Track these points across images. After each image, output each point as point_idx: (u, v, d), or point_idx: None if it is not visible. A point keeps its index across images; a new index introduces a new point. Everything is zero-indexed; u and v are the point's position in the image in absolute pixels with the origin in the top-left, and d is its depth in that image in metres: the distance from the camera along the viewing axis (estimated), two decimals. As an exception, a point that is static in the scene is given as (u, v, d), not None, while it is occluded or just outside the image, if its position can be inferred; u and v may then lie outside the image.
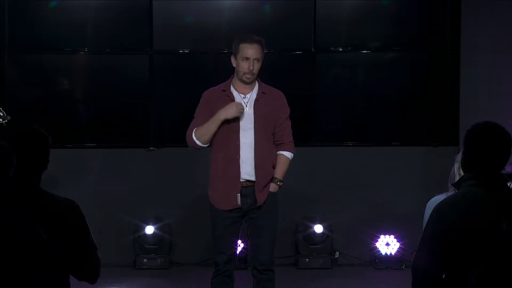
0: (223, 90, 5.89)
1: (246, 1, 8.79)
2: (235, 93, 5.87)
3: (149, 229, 8.32)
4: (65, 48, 8.74)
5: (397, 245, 8.43)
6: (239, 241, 8.37)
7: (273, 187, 5.90)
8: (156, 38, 8.69)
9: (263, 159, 5.81)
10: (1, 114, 6.13)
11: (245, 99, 5.86)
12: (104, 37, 8.73)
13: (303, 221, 8.45)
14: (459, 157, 4.55)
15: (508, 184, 3.86)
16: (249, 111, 5.81)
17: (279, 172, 5.90)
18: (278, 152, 5.93)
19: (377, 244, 8.46)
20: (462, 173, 4.46)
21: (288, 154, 5.95)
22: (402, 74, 8.88)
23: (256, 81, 5.94)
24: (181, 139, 8.70)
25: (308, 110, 8.80)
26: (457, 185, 3.72)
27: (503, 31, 8.48)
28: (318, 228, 8.37)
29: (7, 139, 3.63)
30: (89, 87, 8.85)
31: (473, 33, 8.52)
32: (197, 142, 5.89)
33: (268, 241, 5.95)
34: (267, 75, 8.76)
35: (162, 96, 8.77)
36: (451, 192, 4.54)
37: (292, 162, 5.69)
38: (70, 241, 3.58)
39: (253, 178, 5.81)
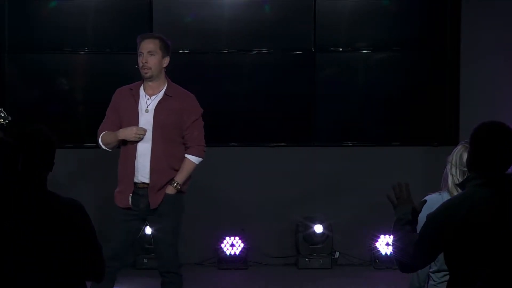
0: (130, 89, 5.93)
1: (246, 1, 8.79)
2: (141, 93, 5.89)
3: (149, 229, 8.30)
4: (65, 48, 8.74)
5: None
6: (239, 241, 8.38)
7: (169, 189, 5.84)
8: (156, 38, 8.67)
9: (159, 162, 5.78)
10: (2, 115, 6.13)
11: (149, 100, 5.86)
12: (104, 37, 8.73)
13: (303, 221, 8.45)
14: (450, 158, 4.56)
15: None
16: (149, 113, 5.82)
17: (179, 175, 5.86)
18: (185, 155, 5.92)
19: (377, 244, 8.46)
20: (454, 174, 4.48)
21: (192, 158, 5.92)
22: (402, 74, 8.88)
23: (166, 83, 5.95)
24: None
25: (308, 110, 8.80)
26: (461, 185, 3.71)
27: (503, 30, 8.48)
28: (318, 228, 8.37)
29: (14, 139, 3.63)
30: (89, 87, 8.85)
31: (473, 33, 8.52)
32: (103, 146, 5.93)
33: (167, 244, 5.89)
34: (267, 75, 8.83)
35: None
36: (444, 191, 4.55)
37: (289, 161, 5.65)
38: (76, 240, 3.58)
39: (146, 180, 5.80)
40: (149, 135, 5.79)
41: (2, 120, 6.12)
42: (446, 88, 8.78)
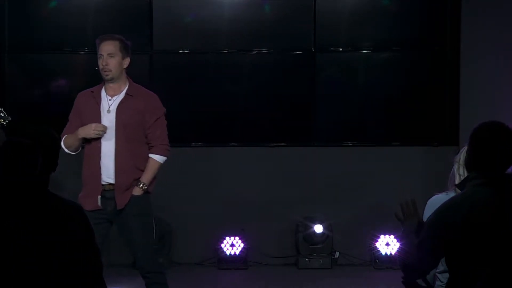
0: (91, 92, 5.92)
1: (246, 1, 8.79)
2: (103, 94, 5.88)
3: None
4: (65, 48, 8.74)
5: (397, 245, 8.42)
6: (239, 241, 8.38)
7: (136, 191, 5.82)
8: (156, 38, 8.69)
9: (124, 163, 5.77)
10: (2, 115, 6.13)
11: (111, 101, 5.86)
12: (104, 37, 8.72)
13: (303, 221, 8.45)
14: (458, 157, 4.55)
15: None
16: (111, 114, 5.81)
17: (144, 175, 5.84)
18: (149, 155, 5.89)
19: (377, 244, 8.45)
20: (462, 174, 4.47)
21: (156, 157, 5.89)
22: (402, 74, 8.87)
23: (127, 83, 5.94)
24: (181, 139, 8.75)
25: (308, 110, 8.80)
26: (461, 185, 3.71)
27: (503, 30, 8.47)
28: (318, 228, 8.37)
29: (30, 139, 3.61)
30: (89, 87, 8.80)
31: (473, 33, 8.51)
32: (66, 150, 5.85)
33: (140, 245, 5.84)
34: (267, 75, 8.83)
35: (162, 96, 8.74)
36: (451, 191, 4.54)
37: (289, 161, 5.62)
38: (74, 242, 3.57)
39: (112, 181, 5.78)
40: (112, 135, 5.77)
41: (2, 120, 6.11)
42: (446, 88, 8.77)
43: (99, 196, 5.75)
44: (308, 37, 8.77)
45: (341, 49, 8.86)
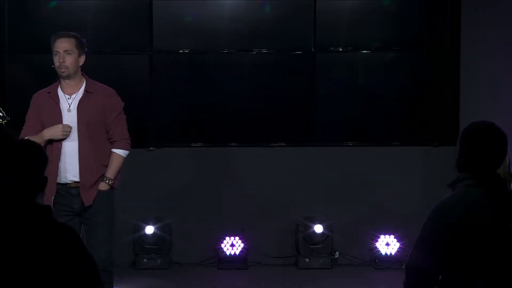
0: (48, 92, 5.89)
1: (246, 1, 8.79)
2: (60, 94, 5.87)
3: (149, 229, 8.32)
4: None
5: (397, 245, 8.42)
6: (239, 241, 8.38)
7: (102, 186, 5.85)
8: (156, 38, 8.69)
9: (87, 160, 5.79)
10: (1, 114, 6.12)
11: (70, 100, 5.86)
12: (104, 37, 8.72)
13: (303, 221, 8.45)
14: None
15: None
16: (72, 112, 5.81)
17: (109, 171, 5.87)
18: (111, 150, 5.92)
19: (377, 244, 8.45)
20: None
21: (120, 152, 5.94)
22: (402, 74, 8.87)
23: (84, 80, 5.94)
24: (181, 139, 8.75)
25: (308, 110, 8.79)
26: (452, 185, 3.71)
27: (503, 31, 8.48)
28: (318, 228, 8.37)
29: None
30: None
31: (473, 33, 8.52)
32: None
33: (101, 241, 5.84)
34: (267, 75, 8.83)
35: (162, 96, 8.76)
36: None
37: (288, 161, 5.61)
38: (75, 243, 3.56)
39: (77, 179, 5.79)
40: (74, 134, 5.77)
41: (1, 120, 6.11)
42: (446, 88, 8.77)
43: (53, 197, 5.72)
44: (308, 37, 8.77)
45: (341, 49, 8.85)
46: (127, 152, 5.99)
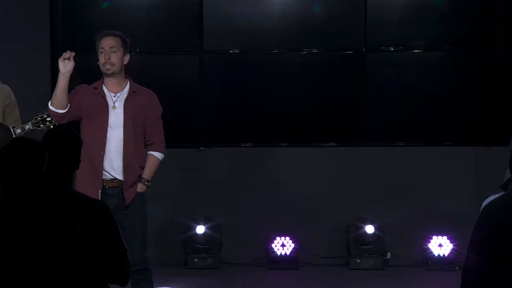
0: (94, 88, 5.93)
1: (297, 1, 8.76)
2: (106, 91, 5.90)
3: (200, 229, 8.34)
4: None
5: (450, 246, 8.33)
6: (290, 241, 8.36)
7: (140, 187, 5.86)
8: (206, 38, 8.70)
9: (131, 158, 5.80)
10: (49, 119, 6.17)
11: (115, 98, 5.88)
12: (155, 37, 8.77)
13: (354, 222, 8.40)
14: None
15: None
16: (117, 110, 5.83)
17: (147, 172, 5.88)
18: (148, 152, 5.93)
19: (430, 245, 8.37)
20: None
21: (157, 155, 5.94)
22: (454, 73, 8.78)
23: (128, 81, 5.96)
24: (230, 139, 8.77)
25: (359, 109, 8.75)
26: (505, 186, 3.66)
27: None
28: (370, 229, 8.32)
29: (42, 138, 3.66)
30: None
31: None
32: (51, 108, 5.80)
33: (139, 241, 5.83)
34: (317, 75, 8.80)
35: (211, 96, 8.78)
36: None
37: (339, 161, 5.58)
38: (101, 241, 3.57)
39: (120, 177, 5.79)
40: (119, 132, 5.79)
41: (48, 123, 6.15)
42: (499, 88, 8.65)
43: (100, 191, 5.76)
44: (359, 37, 8.72)
45: (392, 49, 8.79)
46: (163, 155, 6.00)
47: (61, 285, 3.37)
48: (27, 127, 6.15)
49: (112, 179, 5.80)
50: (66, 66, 5.80)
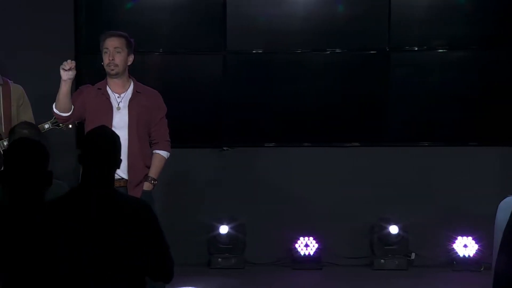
0: (98, 88, 5.93)
1: (320, 0, 8.75)
2: (109, 92, 5.90)
3: (224, 229, 8.35)
4: (138, 49, 8.77)
5: (475, 247, 8.28)
6: (313, 241, 8.35)
7: (147, 186, 5.88)
8: (230, 38, 8.71)
9: (136, 158, 5.81)
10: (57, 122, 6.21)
11: (119, 98, 5.89)
12: (178, 38, 8.79)
13: (378, 222, 8.37)
14: None
15: None
16: (122, 111, 5.84)
17: (153, 171, 5.90)
18: (154, 151, 5.95)
19: (455, 246, 8.33)
20: None
21: (163, 153, 5.97)
22: (479, 73, 8.74)
23: (131, 81, 5.97)
24: (254, 139, 8.77)
25: (382, 109, 8.72)
26: None
27: None
28: (394, 229, 8.29)
29: (81, 139, 3.68)
30: (162, 87, 8.80)
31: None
32: (56, 110, 5.85)
33: None
34: (341, 75, 8.78)
35: (235, 96, 8.79)
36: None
37: (362, 161, 5.56)
38: (140, 239, 3.58)
39: (125, 176, 5.81)
40: (124, 132, 5.78)
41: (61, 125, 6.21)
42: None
43: None
44: (383, 36, 8.70)
45: (416, 48, 8.76)
46: (168, 154, 6.03)
47: (61, 285, 3.39)
48: (46, 126, 6.21)
49: (118, 179, 5.78)
50: (67, 73, 5.81)
